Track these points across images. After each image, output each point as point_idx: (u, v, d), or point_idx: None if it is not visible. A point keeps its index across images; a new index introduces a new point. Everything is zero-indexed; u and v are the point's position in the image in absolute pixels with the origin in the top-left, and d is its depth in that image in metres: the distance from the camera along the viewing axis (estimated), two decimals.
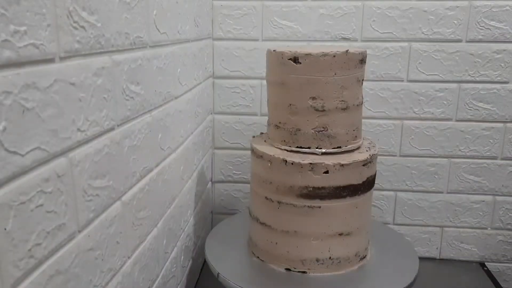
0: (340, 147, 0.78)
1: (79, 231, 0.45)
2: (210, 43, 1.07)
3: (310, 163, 0.74)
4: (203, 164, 1.05)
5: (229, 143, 1.14)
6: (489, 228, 1.12)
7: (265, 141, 0.84)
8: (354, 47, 0.82)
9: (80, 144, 0.45)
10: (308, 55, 0.73)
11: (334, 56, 0.73)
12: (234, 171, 1.16)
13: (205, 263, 1.06)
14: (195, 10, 0.89)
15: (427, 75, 1.05)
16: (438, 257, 1.15)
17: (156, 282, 0.71)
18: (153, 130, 0.66)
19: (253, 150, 0.82)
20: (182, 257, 0.88)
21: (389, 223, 1.13)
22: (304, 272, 0.78)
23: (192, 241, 0.97)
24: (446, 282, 1.03)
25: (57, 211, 0.41)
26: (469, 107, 1.05)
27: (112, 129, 0.52)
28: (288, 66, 0.75)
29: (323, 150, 0.77)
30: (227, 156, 1.16)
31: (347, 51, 0.74)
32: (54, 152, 0.40)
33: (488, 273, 1.07)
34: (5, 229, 0.34)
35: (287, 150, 0.78)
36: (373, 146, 0.83)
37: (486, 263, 1.12)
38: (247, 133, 1.13)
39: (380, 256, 0.85)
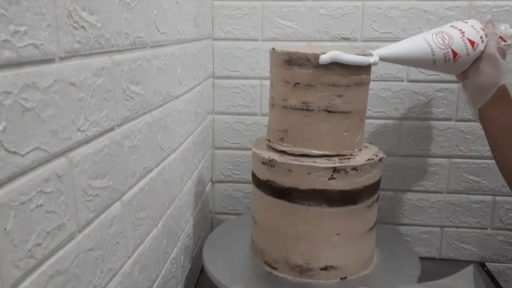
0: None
1: (79, 231, 0.45)
2: (210, 43, 1.07)
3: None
4: (203, 164, 1.05)
5: (229, 143, 1.14)
6: (489, 228, 1.12)
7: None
8: (354, 47, 0.82)
9: (80, 144, 0.45)
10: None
11: None
12: (234, 171, 1.16)
13: None
14: (195, 10, 0.89)
15: (427, 75, 1.05)
16: (438, 257, 1.15)
17: (156, 282, 0.71)
18: (153, 130, 0.66)
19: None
20: (182, 257, 0.88)
21: (389, 223, 1.13)
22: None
23: (192, 241, 0.97)
24: None
25: (57, 211, 0.41)
26: None
27: (112, 129, 0.52)
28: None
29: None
30: (227, 156, 1.16)
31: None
32: (54, 152, 0.40)
33: (488, 273, 1.07)
34: (5, 229, 0.34)
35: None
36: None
37: (486, 263, 1.12)
38: (247, 133, 1.13)
39: (381, 258, 0.85)
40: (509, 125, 0.77)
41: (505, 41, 0.77)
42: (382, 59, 0.76)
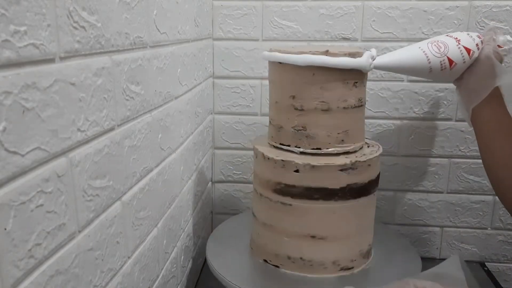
0: (320, 149, 0.76)
1: (79, 231, 0.45)
2: (210, 43, 1.07)
3: (282, 160, 0.75)
4: (203, 164, 1.05)
5: (229, 143, 1.14)
6: (489, 228, 1.12)
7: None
8: (353, 47, 0.82)
9: (80, 144, 0.45)
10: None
11: None
12: (234, 171, 1.16)
13: (205, 263, 1.06)
14: (195, 10, 0.89)
15: None
16: (438, 257, 1.15)
17: (156, 282, 0.71)
18: (153, 130, 0.66)
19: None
20: (182, 257, 0.88)
21: (389, 223, 1.13)
22: (277, 266, 0.80)
23: (192, 241, 0.97)
24: None
25: (57, 211, 0.41)
26: None
27: (112, 129, 0.52)
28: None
29: (301, 150, 0.77)
30: (227, 156, 1.16)
31: (326, 51, 0.72)
32: (54, 152, 0.40)
33: (488, 273, 1.07)
34: (5, 229, 0.34)
35: (273, 146, 0.81)
36: (364, 154, 0.77)
37: (486, 263, 1.12)
38: (247, 133, 1.13)
39: (382, 257, 0.85)
40: (500, 126, 0.77)
41: (501, 47, 0.78)
42: (377, 68, 0.78)
